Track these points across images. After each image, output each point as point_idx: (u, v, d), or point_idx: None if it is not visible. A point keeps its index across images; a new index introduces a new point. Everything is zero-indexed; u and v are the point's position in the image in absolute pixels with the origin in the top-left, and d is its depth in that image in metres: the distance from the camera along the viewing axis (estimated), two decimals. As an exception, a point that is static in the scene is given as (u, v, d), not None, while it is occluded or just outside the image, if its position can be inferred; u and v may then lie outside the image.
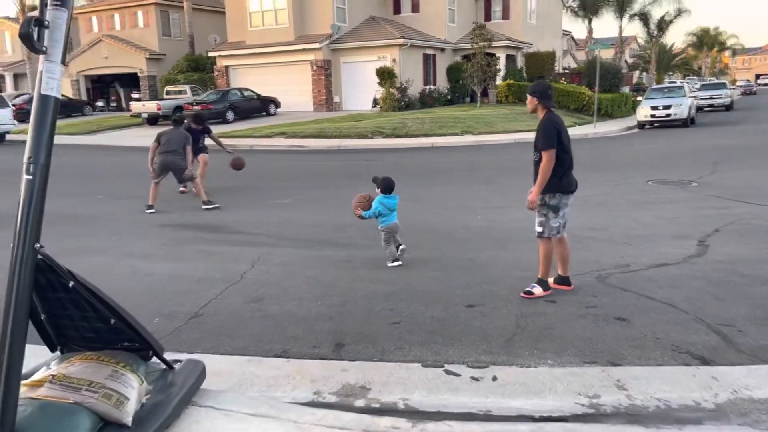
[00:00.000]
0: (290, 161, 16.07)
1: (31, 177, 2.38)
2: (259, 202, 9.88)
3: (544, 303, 4.79)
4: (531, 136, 19.34)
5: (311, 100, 29.23)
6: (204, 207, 9.05)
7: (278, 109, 28.61)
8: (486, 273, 5.56)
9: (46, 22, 2.42)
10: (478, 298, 4.91)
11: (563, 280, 5.10)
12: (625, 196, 9.46)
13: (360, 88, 28.52)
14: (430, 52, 29.99)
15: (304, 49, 28.50)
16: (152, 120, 27.42)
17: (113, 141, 22.99)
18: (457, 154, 16.89)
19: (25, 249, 2.37)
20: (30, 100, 31.38)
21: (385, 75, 26.89)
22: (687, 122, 23.00)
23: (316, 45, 28.11)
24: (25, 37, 2.32)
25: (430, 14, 30.66)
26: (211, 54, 31.91)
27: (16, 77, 41.89)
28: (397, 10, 31.74)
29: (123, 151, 19.77)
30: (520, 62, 32.25)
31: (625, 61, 48.32)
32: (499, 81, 29.22)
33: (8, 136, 23.35)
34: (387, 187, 6.04)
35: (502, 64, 29.82)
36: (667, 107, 22.93)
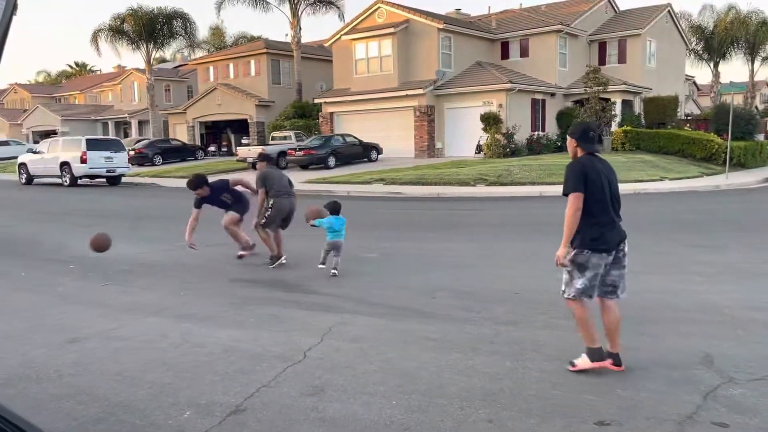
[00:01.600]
0: (385, 209, 15.18)
1: None
2: (343, 255, 8.91)
3: (713, 426, 3.34)
4: (652, 186, 16.99)
5: (413, 146, 28.56)
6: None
7: (380, 155, 28.14)
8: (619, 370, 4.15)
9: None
10: (614, 411, 3.54)
11: (612, 357, 4.16)
12: (789, 263, 7.61)
13: (463, 134, 27.51)
14: (539, 97, 28.56)
15: (407, 95, 28.06)
16: (256, 165, 27.81)
17: (217, 184, 23.31)
18: (569, 205, 15.25)
19: None
20: (149, 145, 33.48)
21: (490, 120, 25.74)
22: (842, 174, 19.97)
23: (420, 91, 27.58)
24: None
25: (539, 59, 29.36)
26: (317, 101, 32.33)
27: (140, 123, 44.89)
28: (505, 55, 30.74)
29: (224, 195, 19.82)
30: (638, 108, 29.98)
31: (756, 107, 44.04)
32: (614, 127, 27.14)
33: (123, 179, 24.44)
34: (333, 209, 7.19)
35: (618, 109, 27.78)
36: (817, 156, 20.03)
